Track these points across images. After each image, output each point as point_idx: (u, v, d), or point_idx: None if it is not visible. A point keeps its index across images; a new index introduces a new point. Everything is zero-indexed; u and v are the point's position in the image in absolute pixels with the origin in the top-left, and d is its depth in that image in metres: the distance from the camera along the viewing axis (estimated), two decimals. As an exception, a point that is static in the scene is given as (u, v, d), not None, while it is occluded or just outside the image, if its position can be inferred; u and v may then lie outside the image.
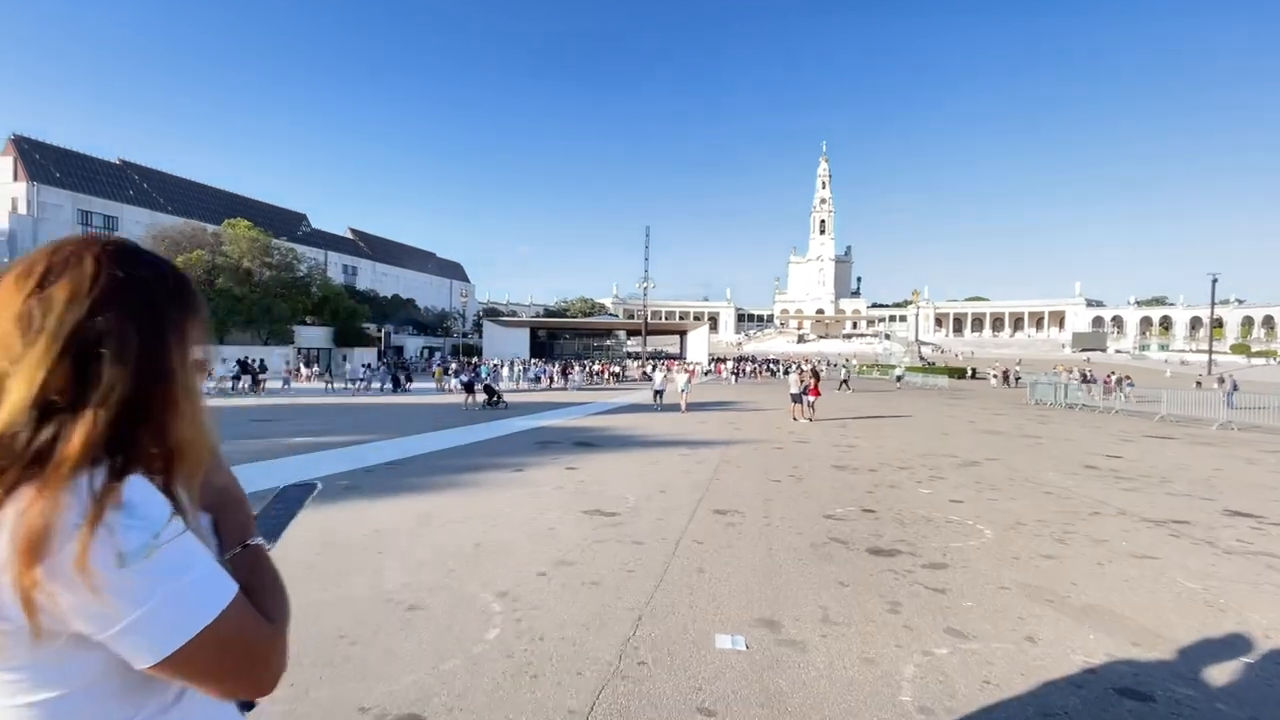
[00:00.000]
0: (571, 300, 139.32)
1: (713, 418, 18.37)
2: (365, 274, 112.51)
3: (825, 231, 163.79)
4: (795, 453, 11.41)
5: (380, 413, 19.21)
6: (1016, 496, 7.64)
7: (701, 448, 11.90)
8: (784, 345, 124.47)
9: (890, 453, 11.59)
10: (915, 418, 19.71)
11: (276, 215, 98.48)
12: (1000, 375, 38.08)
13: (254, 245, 50.80)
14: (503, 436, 13.42)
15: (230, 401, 22.04)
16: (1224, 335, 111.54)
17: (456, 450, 11.00)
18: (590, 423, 16.96)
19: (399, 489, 7.35)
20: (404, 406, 22.12)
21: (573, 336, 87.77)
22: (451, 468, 9.03)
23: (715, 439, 13.40)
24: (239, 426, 14.19)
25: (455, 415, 18.37)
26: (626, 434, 14.23)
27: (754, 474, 9.02)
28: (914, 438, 14.19)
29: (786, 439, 13.62)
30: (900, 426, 16.84)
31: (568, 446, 11.81)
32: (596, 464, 9.64)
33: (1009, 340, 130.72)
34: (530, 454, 10.71)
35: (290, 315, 51.40)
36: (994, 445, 12.94)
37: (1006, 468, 9.97)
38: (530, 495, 7.18)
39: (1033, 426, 17.37)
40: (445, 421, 16.29)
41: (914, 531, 5.85)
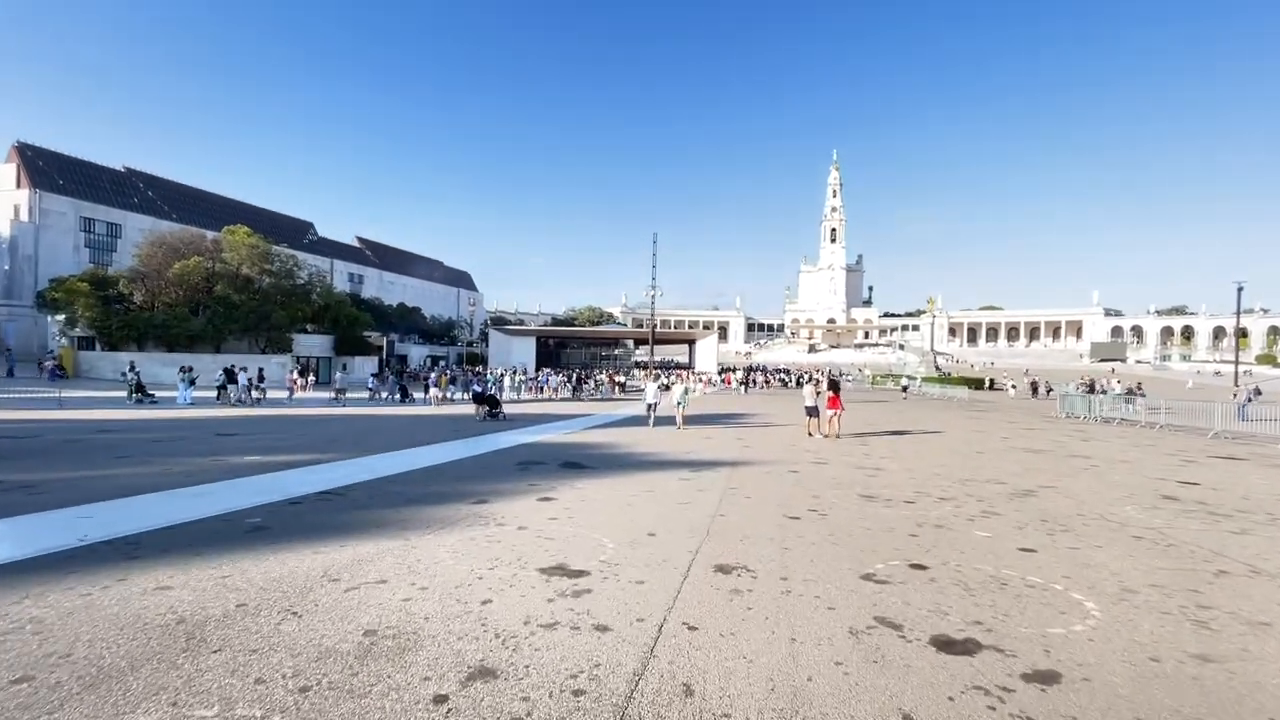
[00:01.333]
0: (580, 309, 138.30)
1: (719, 433, 16.77)
2: (371, 282, 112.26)
3: (836, 240, 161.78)
4: (814, 477, 9.81)
5: (363, 425, 17.78)
6: (1101, 543, 6.01)
7: (705, 470, 10.32)
8: (794, 355, 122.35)
9: (924, 477, 9.96)
10: (942, 433, 18.00)
11: (283, 223, 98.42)
12: (1029, 386, 36.11)
13: (253, 252, 49.90)
14: (484, 455, 11.91)
15: (209, 413, 20.72)
16: (1249, 345, 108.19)
17: (421, 474, 9.50)
18: (586, 438, 15.43)
19: (320, 531, 5.84)
20: (396, 418, 20.71)
21: (580, 345, 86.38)
22: (402, 498, 7.52)
23: (721, 459, 11.82)
24: (193, 442, 12.80)
25: (443, 428, 16.90)
26: (623, 452, 12.68)
27: (766, 507, 7.44)
28: (946, 458, 12.53)
29: (802, 459, 12.01)
30: (927, 444, 15.16)
31: (553, 468, 10.27)
32: (579, 493, 8.09)
33: (1025, 350, 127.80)
34: (505, 479, 9.18)
35: (289, 323, 50.36)
36: (1041, 468, 11.26)
37: (1069, 499, 8.32)
38: (483, 541, 5.64)
39: (1075, 444, 15.63)
40: (428, 436, 14.82)
41: (988, 604, 4.26)
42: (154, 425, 16.36)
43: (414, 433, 16.02)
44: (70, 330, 46.70)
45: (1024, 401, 40.81)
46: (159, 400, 25.44)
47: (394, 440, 13.89)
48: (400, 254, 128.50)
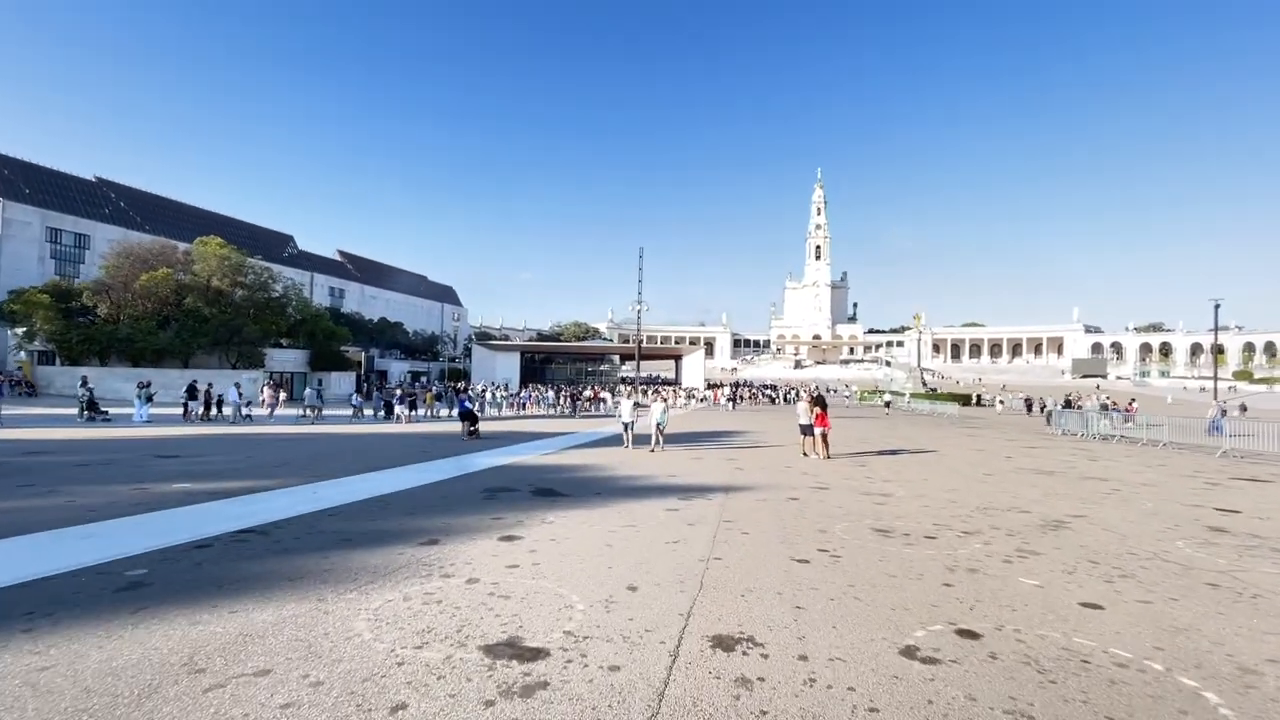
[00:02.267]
0: (565, 324, 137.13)
1: (709, 454, 15.67)
2: (353, 296, 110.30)
3: (821, 257, 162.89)
4: (817, 506, 8.74)
5: (327, 446, 16.42)
6: (1174, 593, 4.99)
7: (695, 498, 9.21)
8: (780, 371, 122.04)
9: (938, 505, 8.93)
10: (940, 452, 17.07)
11: (262, 236, 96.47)
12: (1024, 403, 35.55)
13: (225, 264, 48.23)
14: (449, 481, 10.68)
15: (163, 432, 19.19)
16: (1226, 361, 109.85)
17: (371, 505, 8.27)
18: (565, 459, 14.24)
19: (213, 589, 4.64)
20: (367, 437, 19.32)
21: (566, 361, 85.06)
22: (336, 538, 6.31)
23: (712, 483, 10.71)
24: (123, 467, 11.41)
25: (414, 449, 15.60)
26: (604, 476, 11.52)
27: (768, 545, 6.34)
28: (955, 481, 11.54)
29: (800, 483, 10.94)
30: (930, 465, 14.19)
31: (523, 496, 9.09)
32: (549, 529, 6.93)
33: (1008, 366, 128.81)
34: (467, 510, 7.99)
35: (261, 337, 48.58)
36: (1060, 492, 10.30)
37: (1108, 531, 7.32)
38: (419, 602, 4.48)
39: (1084, 464, 14.76)
40: (394, 458, 13.54)
41: (1079, 698, 3.20)
42: (92, 446, 14.90)
43: (380, 454, 14.72)
44: (29, 344, 44.60)
45: (1016, 418, 40.27)
46: (112, 418, 23.81)
47: (354, 463, 12.60)
48: (383, 268, 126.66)
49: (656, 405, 17.12)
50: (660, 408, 16.85)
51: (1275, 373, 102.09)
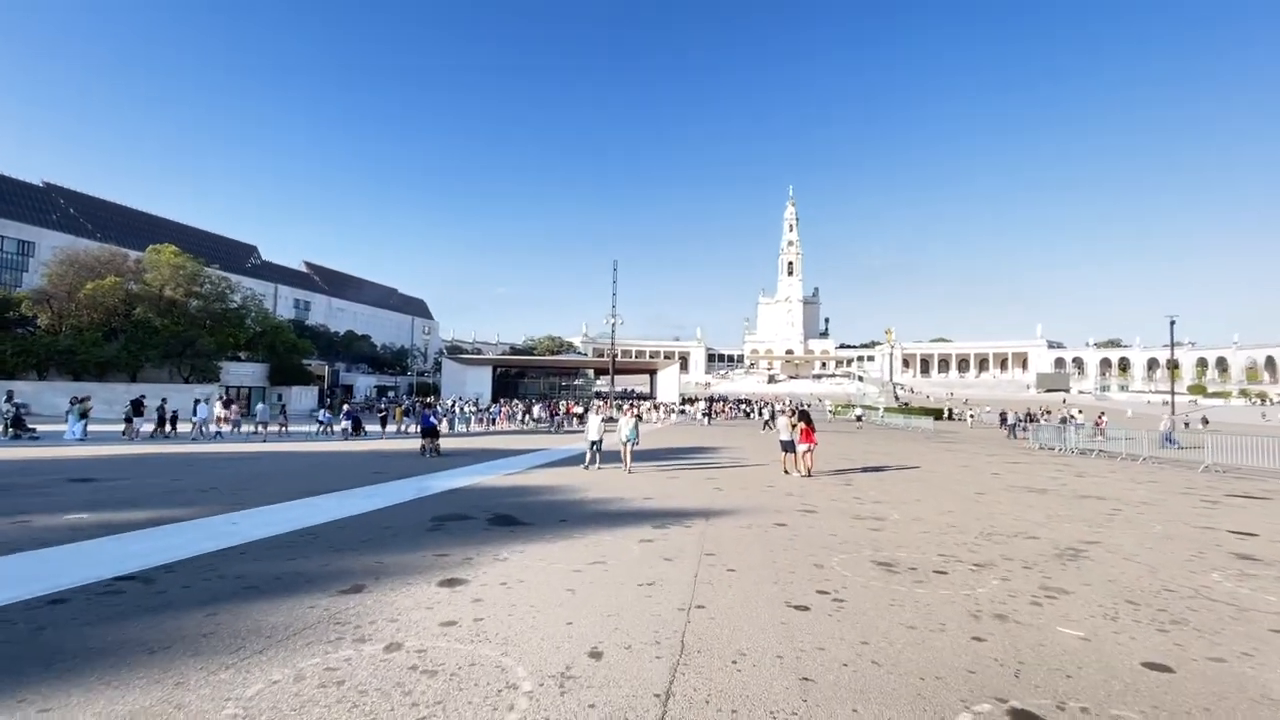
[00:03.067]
0: (539, 338, 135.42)
1: (685, 473, 14.72)
2: (319, 309, 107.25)
3: (793, 273, 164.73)
4: (807, 533, 7.85)
5: (269, 466, 15.01)
6: (1244, 647, 4.19)
7: (672, 525, 8.24)
8: (754, 385, 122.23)
9: (938, 530, 8.13)
10: (925, 469, 16.43)
11: (223, 246, 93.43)
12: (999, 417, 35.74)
13: (179, 273, 45.94)
14: (396, 507, 9.52)
15: (93, 451, 17.47)
16: (1181, 376, 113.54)
17: (295, 539, 7.11)
18: (531, 480, 13.14)
19: (41, 669, 3.51)
20: (319, 456, 17.87)
21: (539, 375, 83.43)
22: (236, 586, 5.17)
23: (690, 507, 9.76)
24: (21, 493, 9.94)
25: (366, 468, 14.30)
26: (572, 500, 10.48)
27: (760, 587, 5.41)
28: (948, 502, 10.80)
29: (786, 505, 10.07)
30: (917, 483, 13.49)
31: (477, 526, 8.00)
32: (502, 569, 5.88)
33: (975, 381, 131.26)
34: (407, 545, 6.89)
35: (216, 350, 46.20)
36: (1061, 514, 9.62)
37: (1131, 562, 6.58)
38: (311, 686, 3.41)
39: (1073, 481, 14.23)
40: (341, 480, 12.26)
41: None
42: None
43: (329, 475, 13.42)
44: (-44, 357, 41.57)
45: (989, 432, 40.30)
46: (40, 436, 21.87)
47: (294, 487, 11.32)
48: (351, 280, 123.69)
49: (625, 420, 15.33)
50: (629, 423, 15.11)
51: (1226, 387, 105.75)
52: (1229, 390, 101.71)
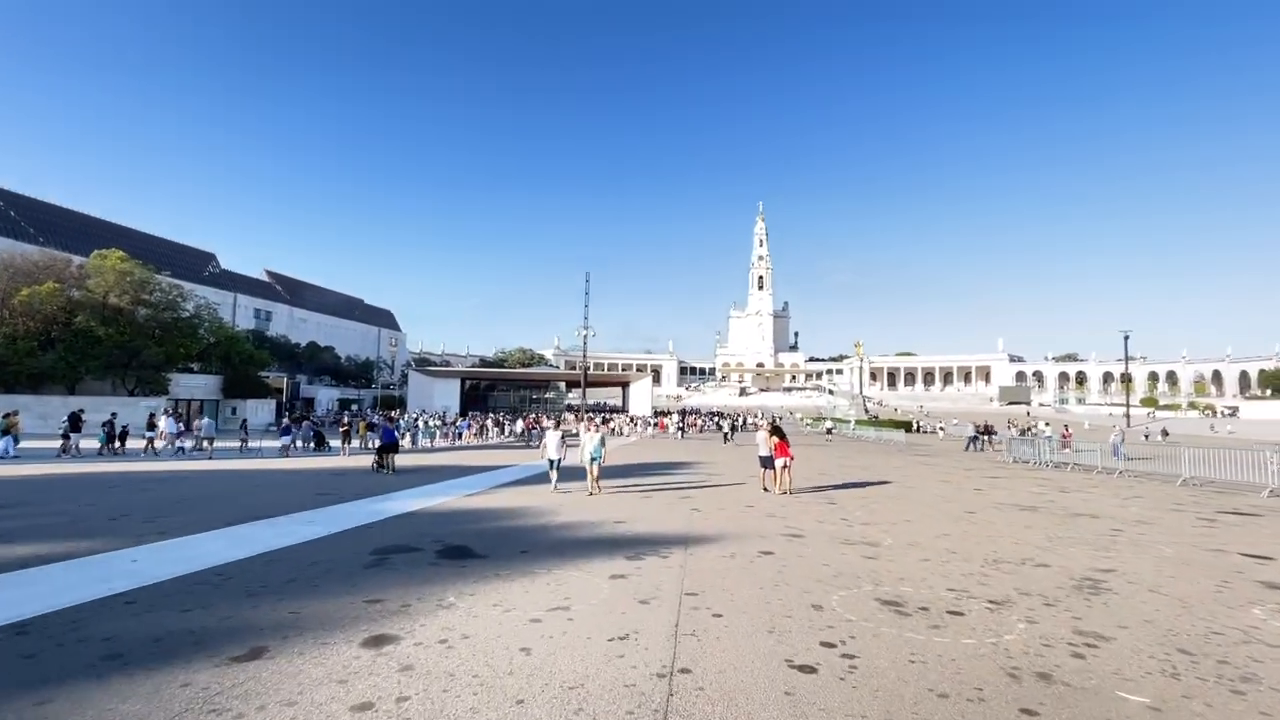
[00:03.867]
0: (510, 351, 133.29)
1: (659, 493, 13.81)
2: (280, 319, 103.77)
3: (764, 287, 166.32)
4: (798, 564, 7.04)
5: (200, 489, 13.60)
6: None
7: (646, 555, 7.34)
8: (726, 398, 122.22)
9: (939, 557, 7.41)
10: (906, 484, 15.87)
11: (179, 253, 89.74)
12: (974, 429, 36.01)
13: (125, 279, 43.30)
14: (333, 537, 8.39)
15: (12, 471, 15.71)
16: (1134, 389, 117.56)
17: (199, 581, 5.99)
18: (492, 501, 12.07)
19: None
20: (262, 475, 16.42)
21: (509, 388, 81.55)
22: (97, 654, 4.08)
23: (667, 533, 8.86)
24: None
25: (311, 489, 13.01)
26: (535, 525, 9.48)
27: (753, 641, 4.54)
28: (940, 522, 10.14)
29: (770, 529, 9.26)
30: (902, 501, 12.85)
31: (422, 562, 6.96)
32: (442, 621, 4.89)
33: (940, 394, 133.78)
34: (334, 589, 5.83)
35: (165, 360, 43.59)
36: (1062, 536, 9.02)
37: (1157, 594, 5.93)
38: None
39: (1059, 497, 13.78)
40: (279, 504, 11.01)
41: None
42: (-123, 494, 11.64)
43: (270, 498, 12.14)
44: None
45: (961, 445, 40.39)
46: (-51, 455, 19.82)
47: (223, 512, 10.06)
48: (314, 289, 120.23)
49: (589, 437, 13.40)
50: (594, 440, 13.23)
51: (1176, 399, 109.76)
52: (1179, 403, 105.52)
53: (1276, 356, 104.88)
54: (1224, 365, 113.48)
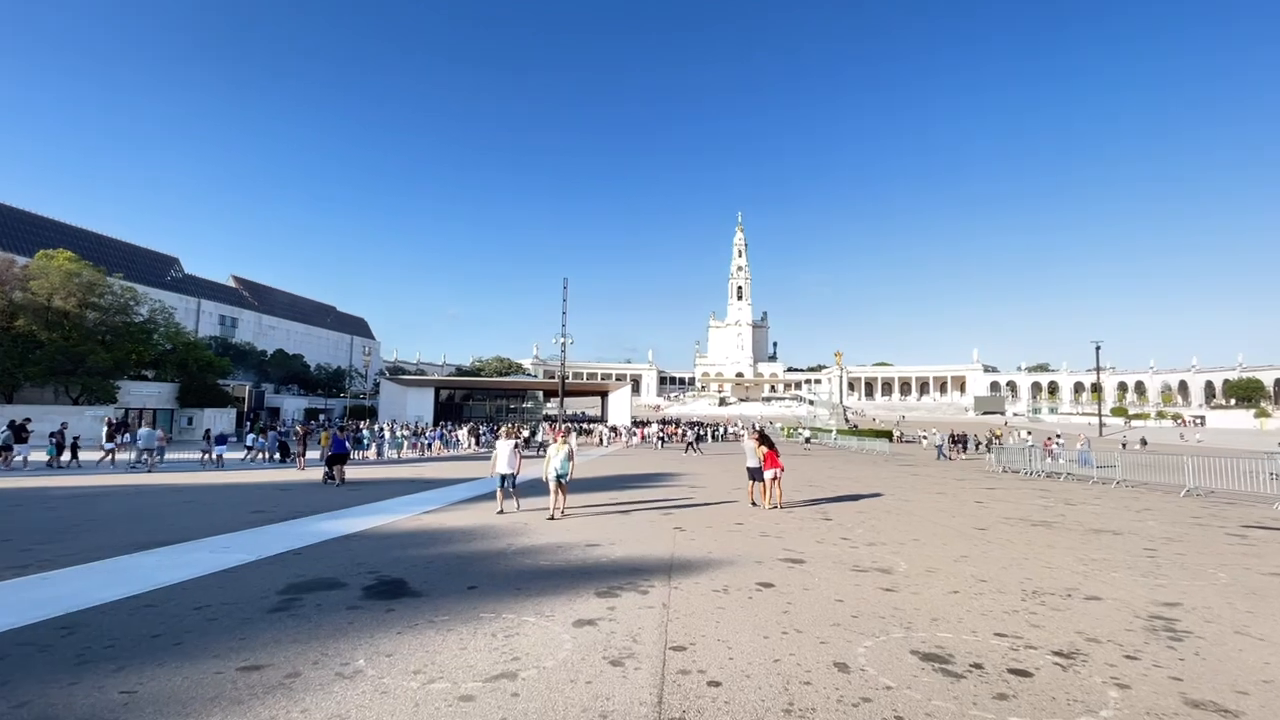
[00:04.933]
0: (487, 360, 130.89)
1: (638, 512, 12.52)
2: (248, 326, 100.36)
3: (743, 297, 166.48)
4: (805, 599, 5.82)
5: (129, 504, 11.93)
6: None
7: (623, 591, 6.05)
8: (706, 408, 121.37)
9: (968, 589, 6.25)
10: (898, 496, 14.82)
11: (138, 256, 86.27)
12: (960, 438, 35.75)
13: (72, 281, 40.73)
14: (242, 569, 6.94)
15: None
16: (1104, 399, 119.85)
17: (37, 636, 4.54)
18: (446, 521, 10.65)
19: None
20: (208, 490, 14.68)
21: (485, 398, 79.33)
22: None
23: (646, 558, 7.57)
24: None
25: (246, 506, 11.42)
26: (489, 550, 8.11)
27: (760, 718, 3.30)
28: (953, 541, 9.02)
29: (766, 552, 8.03)
30: (903, 516, 11.75)
31: (341, 604, 5.57)
32: (337, 702, 3.55)
33: (916, 404, 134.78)
34: (208, 648, 4.44)
35: (113, 367, 41.00)
36: (1096, 558, 7.95)
37: (1247, 637, 4.82)
38: None
39: (1066, 509, 12.82)
40: (204, 523, 9.46)
41: None
42: None
43: (189, 518, 10.57)
44: None
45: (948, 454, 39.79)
46: None
47: (124, 536, 8.51)
48: (283, 296, 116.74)
49: (555, 449, 11.31)
50: (561, 453, 11.16)
51: (1145, 409, 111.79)
52: (1147, 412, 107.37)
53: (1240, 367, 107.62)
54: (1190, 375, 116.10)
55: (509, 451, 11.55)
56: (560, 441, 11.52)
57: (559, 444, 11.43)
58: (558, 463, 11.01)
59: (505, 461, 11.48)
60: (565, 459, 11.14)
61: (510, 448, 11.60)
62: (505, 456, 11.51)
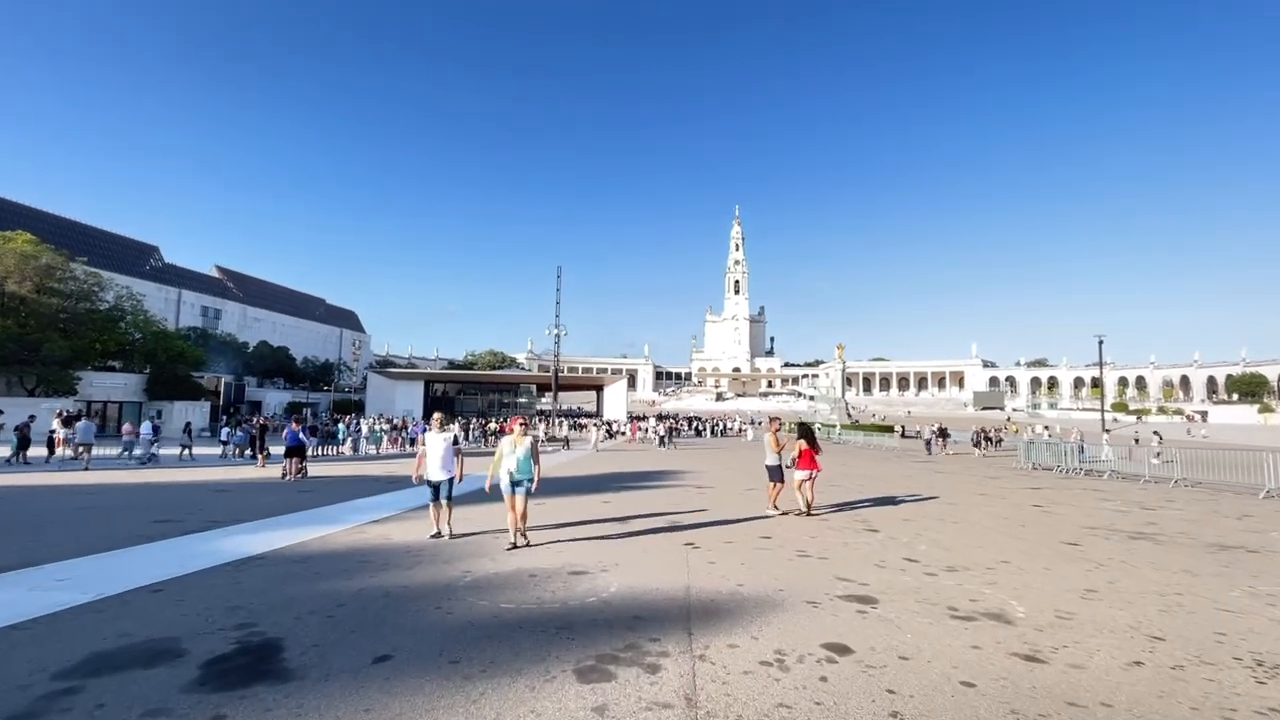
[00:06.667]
0: (479, 353, 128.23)
1: (639, 522, 10.29)
2: (232, 317, 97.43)
3: (740, 292, 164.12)
4: (900, 671, 3.61)
5: (21, 507, 9.60)
6: None
7: (622, 665, 3.81)
8: (703, 403, 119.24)
9: (1144, 651, 4.06)
10: (943, 500, 12.65)
11: (115, 244, 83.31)
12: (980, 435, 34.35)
13: (28, 265, 38.01)
14: (43, 621, 4.66)
15: None
16: (1104, 394, 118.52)
17: None
18: (387, 535, 8.36)
19: None
20: (117, 489, 12.33)
21: (477, 392, 76.85)
22: None
23: (651, 595, 5.33)
24: None
25: (162, 511, 9.13)
26: (430, 583, 5.86)
27: None
28: (1058, 568, 6.83)
29: (815, 582, 5.82)
30: (957, 524, 9.57)
31: (151, 698, 3.33)
32: None
33: (914, 399, 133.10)
34: None
35: (72, 357, 38.33)
36: (1269, 592, 5.81)
37: None
38: None
39: (1148, 517, 10.69)
40: (60, 540, 7.17)
41: None
42: None
43: (66, 529, 8.30)
44: None
45: (957, 449, 37.79)
46: None
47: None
48: (270, 288, 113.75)
49: (508, 443, 7.66)
50: (520, 450, 7.57)
51: (1145, 404, 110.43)
52: (1148, 408, 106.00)
53: (1243, 362, 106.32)
54: (1192, 370, 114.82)
55: (442, 449, 8.23)
56: (519, 433, 7.76)
57: (517, 435, 7.71)
58: (512, 463, 7.46)
59: (436, 464, 8.14)
60: (526, 457, 7.53)
61: (443, 443, 8.31)
62: (436, 455, 8.17)
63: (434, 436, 8.39)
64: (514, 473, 7.46)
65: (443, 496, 8.18)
